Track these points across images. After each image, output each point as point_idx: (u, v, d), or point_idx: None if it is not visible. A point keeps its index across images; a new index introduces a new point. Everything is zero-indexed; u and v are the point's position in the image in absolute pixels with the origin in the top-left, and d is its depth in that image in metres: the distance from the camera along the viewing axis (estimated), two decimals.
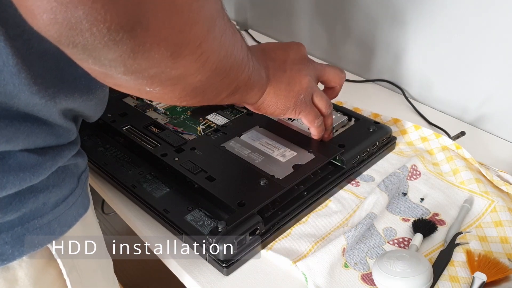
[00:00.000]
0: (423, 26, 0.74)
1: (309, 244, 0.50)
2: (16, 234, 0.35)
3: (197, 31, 0.29)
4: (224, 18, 0.33)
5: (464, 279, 0.46)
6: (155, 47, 0.27)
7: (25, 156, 0.34)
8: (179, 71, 0.30)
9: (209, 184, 0.52)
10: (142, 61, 0.27)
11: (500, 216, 0.52)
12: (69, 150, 0.39)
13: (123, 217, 0.56)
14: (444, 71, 0.75)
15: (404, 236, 0.52)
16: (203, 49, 0.30)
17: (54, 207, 0.38)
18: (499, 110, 0.70)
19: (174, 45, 0.28)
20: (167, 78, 0.30)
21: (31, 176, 0.34)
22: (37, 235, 0.36)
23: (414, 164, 0.60)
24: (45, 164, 0.36)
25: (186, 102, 0.35)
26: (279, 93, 0.50)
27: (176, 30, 0.27)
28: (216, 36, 0.32)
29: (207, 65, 0.32)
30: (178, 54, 0.28)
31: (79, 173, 0.42)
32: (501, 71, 0.67)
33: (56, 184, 0.38)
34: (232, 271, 0.47)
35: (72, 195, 0.39)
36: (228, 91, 0.40)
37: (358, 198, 0.57)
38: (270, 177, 0.53)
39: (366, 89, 0.85)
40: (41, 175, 0.35)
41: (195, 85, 0.33)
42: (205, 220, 0.50)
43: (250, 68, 0.42)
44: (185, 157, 0.56)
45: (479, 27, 0.67)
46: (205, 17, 0.29)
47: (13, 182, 0.33)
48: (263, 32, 1.08)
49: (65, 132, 0.38)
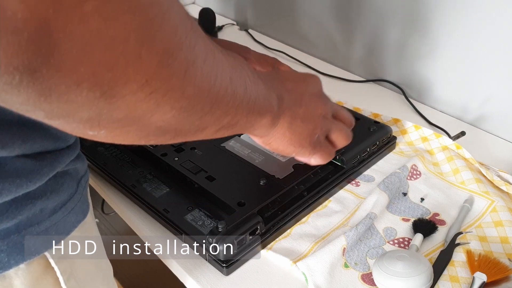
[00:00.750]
0: (423, 27, 0.74)
1: (309, 244, 0.50)
2: (13, 241, 0.34)
3: (139, 68, 0.22)
4: (196, 45, 0.26)
5: (464, 279, 0.46)
6: (74, 89, 0.20)
7: (22, 161, 0.33)
8: (123, 113, 0.23)
9: (209, 184, 0.52)
10: (63, 105, 0.21)
11: (500, 216, 0.52)
12: (68, 155, 0.37)
13: (123, 217, 0.56)
14: (444, 71, 0.75)
15: (404, 236, 0.52)
16: (153, 88, 0.23)
17: (52, 213, 0.36)
18: (499, 110, 0.70)
19: (102, 85, 0.21)
20: (110, 121, 0.24)
21: (28, 183, 0.33)
22: (33, 243, 0.35)
23: (414, 164, 0.60)
24: (42, 170, 0.34)
25: (154, 141, 0.29)
26: (293, 129, 0.43)
27: (103, 68, 0.20)
28: (175, 71, 0.24)
29: (166, 104, 0.25)
30: (111, 95, 0.22)
31: (78, 177, 0.40)
32: (501, 71, 0.67)
33: (54, 190, 0.36)
34: (232, 271, 0.47)
35: (71, 200, 0.38)
36: (218, 126, 0.32)
37: (358, 198, 0.57)
38: (270, 177, 0.53)
39: (366, 89, 0.85)
40: (39, 181, 0.34)
41: (156, 125, 0.26)
42: (205, 220, 0.50)
43: (252, 97, 0.34)
44: (185, 157, 0.56)
45: (479, 27, 0.67)
46: (153, 50, 0.22)
47: (9, 189, 0.32)
48: (263, 32, 1.08)
49: (63, 136, 0.37)
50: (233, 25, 1.12)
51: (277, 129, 0.42)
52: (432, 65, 0.76)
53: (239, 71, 0.33)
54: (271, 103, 0.39)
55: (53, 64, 0.19)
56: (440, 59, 0.75)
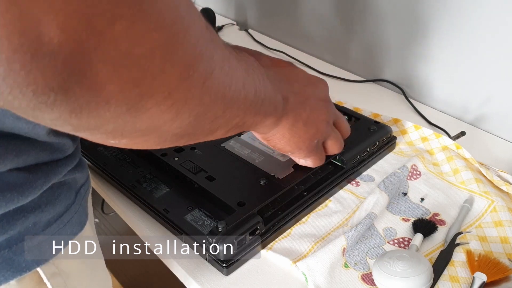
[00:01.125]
0: (423, 27, 0.74)
1: (309, 244, 0.50)
2: (3, 257, 0.32)
3: (163, 81, 0.23)
4: (214, 55, 0.27)
5: (464, 279, 0.46)
6: (103, 106, 0.22)
7: (13, 175, 0.31)
8: (145, 124, 0.25)
9: (209, 184, 0.52)
10: (91, 120, 0.22)
11: (500, 216, 0.52)
12: (65, 165, 0.35)
13: (123, 217, 0.56)
14: (444, 71, 0.75)
15: (404, 236, 0.52)
16: (174, 99, 0.25)
17: (45, 227, 0.34)
18: (499, 110, 0.70)
19: (129, 100, 0.23)
20: (132, 131, 0.25)
21: (19, 197, 0.31)
22: (25, 258, 0.33)
23: (414, 164, 0.60)
24: (36, 182, 0.32)
25: (169, 145, 0.30)
26: (294, 131, 0.44)
27: (130, 85, 0.22)
28: (195, 82, 0.26)
29: (184, 114, 0.27)
30: (137, 109, 0.23)
31: (77, 187, 0.38)
32: (501, 71, 0.67)
33: (50, 202, 0.34)
34: (232, 271, 0.47)
35: (67, 212, 0.36)
36: (228, 128, 0.34)
37: (358, 198, 0.57)
38: (270, 177, 0.53)
39: (366, 89, 0.85)
40: (31, 195, 0.32)
41: (174, 132, 0.28)
42: (205, 220, 0.50)
43: (260, 99, 0.35)
44: (185, 157, 0.56)
45: (479, 27, 0.67)
46: (175, 64, 0.24)
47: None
48: (263, 32, 1.08)
49: (60, 147, 0.35)
50: (233, 25, 1.12)
51: (278, 129, 0.43)
52: (432, 65, 0.76)
53: (251, 74, 0.34)
54: (276, 105, 0.40)
55: (85, 83, 0.20)
56: (440, 59, 0.75)
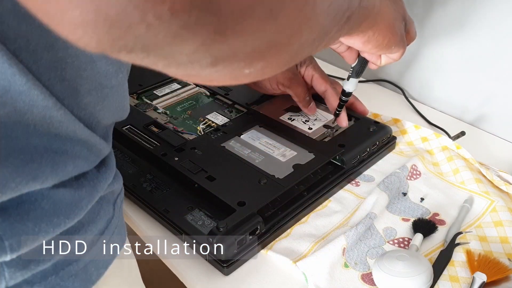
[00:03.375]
0: (423, 27, 0.74)
1: (309, 244, 0.50)
2: (50, 284, 0.31)
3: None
4: None
5: (464, 279, 0.46)
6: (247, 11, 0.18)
7: (60, 194, 0.30)
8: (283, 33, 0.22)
9: (209, 184, 0.52)
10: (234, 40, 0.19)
11: (500, 216, 0.52)
12: (105, 180, 0.34)
13: (123, 217, 0.56)
14: (444, 71, 0.75)
15: (404, 236, 0.52)
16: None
17: (90, 247, 0.33)
18: (499, 110, 0.70)
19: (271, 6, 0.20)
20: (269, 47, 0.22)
21: (65, 220, 0.30)
22: (72, 283, 0.32)
23: (414, 164, 0.60)
24: (80, 203, 0.31)
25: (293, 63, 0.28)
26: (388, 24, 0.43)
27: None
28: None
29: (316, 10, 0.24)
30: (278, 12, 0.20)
31: (114, 198, 0.37)
32: (501, 71, 0.67)
33: (91, 221, 0.33)
34: (232, 271, 0.47)
35: (108, 228, 0.34)
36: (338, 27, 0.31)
37: (358, 198, 0.57)
38: (270, 177, 0.53)
39: (366, 89, 0.85)
40: (77, 217, 0.31)
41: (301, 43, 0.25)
42: (205, 220, 0.50)
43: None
44: (185, 157, 0.56)
45: (479, 27, 0.67)
46: None
47: (46, 230, 0.29)
48: None
49: (94, 147, 0.33)
50: None
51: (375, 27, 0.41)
52: (432, 65, 0.76)
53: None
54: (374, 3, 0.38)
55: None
56: (440, 59, 0.75)
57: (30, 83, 0.26)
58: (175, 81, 0.75)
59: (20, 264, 0.29)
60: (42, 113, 0.28)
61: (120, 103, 0.35)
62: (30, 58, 0.26)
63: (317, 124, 0.65)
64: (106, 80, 0.32)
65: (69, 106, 0.29)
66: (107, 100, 0.33)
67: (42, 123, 0.28)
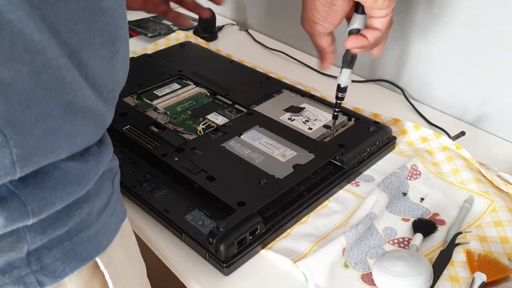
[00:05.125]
0: (423, 27, 0.74)
1: (309, 244, 0.50)
2: (66, 249, 0.34)
3: None
4: None
5: (464, 279, 0.46)
6: None
7: (69, 166, 0.32)
8: None
9: (209, 184, 0.52)
10: None
11: (500, 216, 0.52)
12: (107, 155, 0.37)
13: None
14: (444, 71, 0.75)
15: (404, 236, 0.52)
16: None
17: (98, 216, 0.36)
18: (499, 110, 0.70)
19: None
20: None
21: (77, 189, 0.32)
22: (86, 248, 0.35)
23: (414, 164, 0.60)
24: (89, 174, 0.34)
25: None
26: None
27: None
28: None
29: None
30: None
31: (112, 176, 0.40)
32: (501, 71, 0.67)
33: (96, 192, 0.36)
34: (232, 271, 0.47)
35: (110, 201, 0.38)
36: None
37: (358, 198, 0.57)
38: (270, 177, 0.53)
39: (366, 89, 0.85)
40: (87, 186, 0.34)
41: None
42: (205, 220, 0.50)
43: None
44: (185, 157, 0.56)
45: (479, 26, 0.67)
46: None
47: (61, 197, 0.31)
48: (263, 32, 1.08)
49: (98, 118, 0.35)
50: (233, 25, 1.12)
51: None
52: (432, 65, 0.76)
53: None
54: None
55: None
56: (440, 59, 0.75)
57: (46, 42, 0.28)
58: (175, 81, 0.75)
59: (39, 228, 0.32)
60: (55, 74, 0.29)
61: (126, 60, 0.37)
62: (51, 11, 0.28)
63: (317, 124, 0.65)
64: (116, 31, 0.33)
65: (85, 59, 0.31)
66: (120, 55, 0.35)
67: (56, 86, 0.29)
